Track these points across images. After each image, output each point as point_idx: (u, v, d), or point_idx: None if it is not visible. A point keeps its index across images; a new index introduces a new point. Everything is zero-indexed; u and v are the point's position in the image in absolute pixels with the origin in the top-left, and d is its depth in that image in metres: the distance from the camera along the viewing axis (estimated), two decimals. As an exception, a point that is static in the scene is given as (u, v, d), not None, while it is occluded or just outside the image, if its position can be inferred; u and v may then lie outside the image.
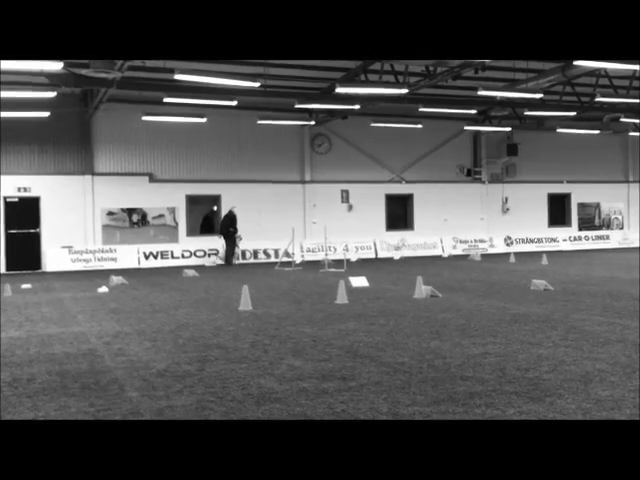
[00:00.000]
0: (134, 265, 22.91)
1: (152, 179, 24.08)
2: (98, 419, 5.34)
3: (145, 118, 22.69)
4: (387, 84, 18.72)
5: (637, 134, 28.77)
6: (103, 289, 15.30)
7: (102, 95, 19.67)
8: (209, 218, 25.09)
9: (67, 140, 22.92)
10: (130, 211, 23.86)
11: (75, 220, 23.05)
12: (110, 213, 23.58)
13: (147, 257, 23.28)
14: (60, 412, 5.52)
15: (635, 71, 19.50)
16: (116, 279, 16.90)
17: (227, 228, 23.24)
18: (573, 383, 6.12)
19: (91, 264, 22.53)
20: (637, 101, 21.66)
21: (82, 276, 19.83)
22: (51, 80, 17.53)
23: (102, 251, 22.85)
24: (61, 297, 14.38)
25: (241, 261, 24.11)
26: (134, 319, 10.84)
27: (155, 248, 23.54)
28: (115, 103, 22.02)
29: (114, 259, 22.83)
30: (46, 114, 20.60)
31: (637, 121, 26.15)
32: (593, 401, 5.50)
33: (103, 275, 18.95)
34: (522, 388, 5.98)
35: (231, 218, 23.45)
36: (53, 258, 22.30)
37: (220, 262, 23.55)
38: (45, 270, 22.24)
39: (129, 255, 23.08)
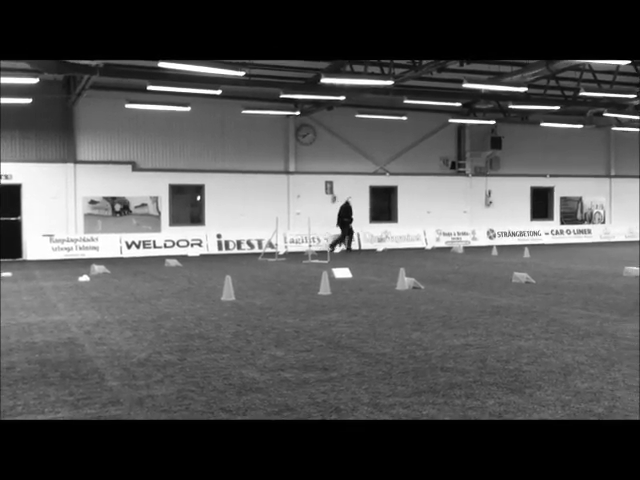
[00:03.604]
0: (116, 254, 22.76)
1: (135, 168, 23.91)
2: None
3: (128, 106, 22.52)
4: (372, 75, 18.69)
5: (620, 129, 28.97)
6: (84, 278, 15.19)
7: (85, 82, 19.47)
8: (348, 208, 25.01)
9: (49, 127, 22.68)
10: (112, 200, 23.69)
11: (57, 208, 22.85)
12: (92, 202, 23.39)
13: (129, 246, 23.14)
14: (39, 401, 5.48)
15: (619, 66, 19.61)
16: (98, 268, 16.79)
17: (342, 218, 24.62)
18: (553, 375, 6.16)
19: (72, 253, 22.36)
20: (620, 96, 21.81)
21: (63, 265, 19.68)
22: (33, 66, 17.31)
23: (84, 240, 22.68)
24: (42, 286, 14.27)
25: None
26: (115, 308, 10.78)
27: (137, 237, 23.40)
28: (98, 90, 21.81)
29: (96, 248, 22.67)
30: (28, 100, 20.37)
31: (620, 116, 26.28)
32: (572, 393, 5.55)
33: (84, 264, 18.82)
34: (502, 379, 6.02)
35: (346, 209, 24.74)
36: (34, 246, 22.10)
37: (343, 249, 24.55)
38: (26, 258, 22.03)
39: (111, 244, 22.91)
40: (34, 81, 18.01)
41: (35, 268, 18.73)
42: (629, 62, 17.25)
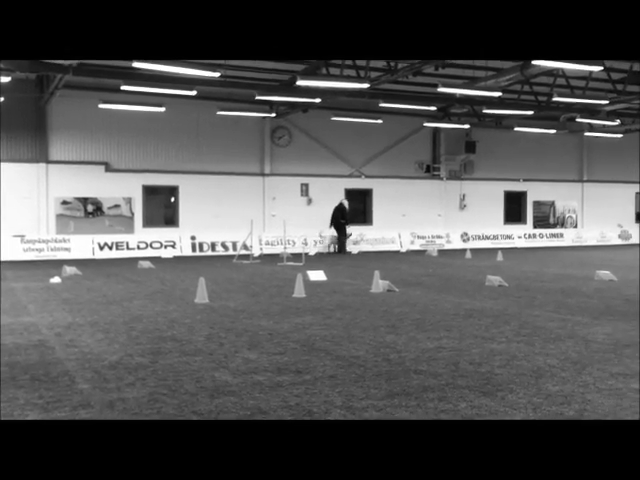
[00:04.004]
0: (88, 256, 22.51)
1: (108, 168, 23.69)
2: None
3: (102, 106, 22.29)
4: (348, 78, 18.71)
5: (592, 134, 29.33)
6: (56, 279, 15.00)
7: (58, 81, 19.25)
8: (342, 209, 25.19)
9: (21, 126, 22.38)
10: (85, 200, 23.44)
11: (28, 209, 22.56)
12: (64, 202, 23.13)
13: (102, 248, 22.90)
14: (8, 404, 5.39)
15: (591, 72, 19.85)
16: (69, 269, 16.60)
17: (338, 220, 24.83)
18: (524, 378, 6.20)
19: (44, 254, 22.07)
20: (593, 102, 22.07)
21: (34, 266, 19.42)
22: (5, 65, 17.06)
23: (55, 241, 22.40)
24: (12, 287, 14.06)
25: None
26: (87, 310, 10.65)
27: (110, 239, 23.16)
28: (71, 90, 21.58)
29: (68, 249, 22.40)
30: (-1, 99, 20.11)
31: (592, 121, 26.63)
32: (543, 396, 5.59)
33: (56, 265, 18.58)
34: (474, 382, 6.04)
35: (341, 210, 24.96)
36: (5, 247, 21.73)
37: (332, 250, 25.17)
38: (-4, 259, 21.71)
39: (83, 245, 22.65)
40: (6, 80, 17.76)
41: (5, 269, 18.45)
42: (601, 69, 17.44)
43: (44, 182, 22.75)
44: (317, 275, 15.14)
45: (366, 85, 18.42)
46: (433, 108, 25.06)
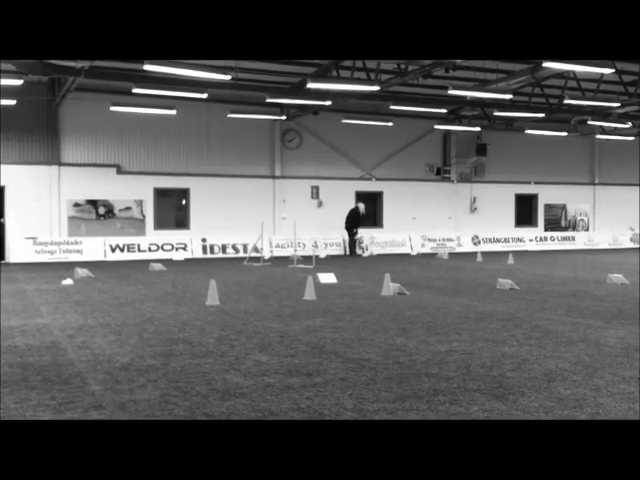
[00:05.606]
0: (100, 258, 22.62)
1: (120, 171, 23.79)
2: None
3: (113, 108, 22.40)
4: (359, 81, 18.73)
5: (603, 137, 29.20)
6: (68, 281, 15.07)
7: (70, 84, 19.36)
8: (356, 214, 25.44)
9: (33, 129, 22.52)
10: (96, 203, 23.55)
11: (40, 211, 22.69)
12: (76, 204, 23.24)
13: (113, 250, 23.01)
14: (20, 405, 5.42)
15: (602, 74, 19.78)
16: (81, 271, 16.67)
17: (349, 222, 25.08)
18: (536, 381, 6.18)
19: (56, 256, 22.19)
20: (604, 104, 21.99)
21: (46, 268, 19.53)
22: (18, 67, 17.18)
23: (67, 243, 22.52)
24: (24, 289, 14.14)
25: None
26: (99, 312, 10.70)
27: (121, 241, 23.27)
28: (83, 92, 21.71)
29: (79, 251, 22.51)
30: (12, 102, 20.22)
31: (604, 124, 26.51)
32: (555, 400, 5.57)
33: (68, 267, 18.68)
34: (486, 386, 6.03)
35: (356, 214, 25.16)
36: (17, 249, 21.91)
37: (344, 253, 25.56)
38: (9, 261, 21.84)
39: (95, 247, 22.77)
40: (18, 82, 17.88)
41: (18, 271, 18.57)
42: (613, 71, 17.38)
43: (56, 184, 22.87)
44: (327, 278, 15.14)
45: (376, 87, 18.42)
46: (444, 111, 25.03)
